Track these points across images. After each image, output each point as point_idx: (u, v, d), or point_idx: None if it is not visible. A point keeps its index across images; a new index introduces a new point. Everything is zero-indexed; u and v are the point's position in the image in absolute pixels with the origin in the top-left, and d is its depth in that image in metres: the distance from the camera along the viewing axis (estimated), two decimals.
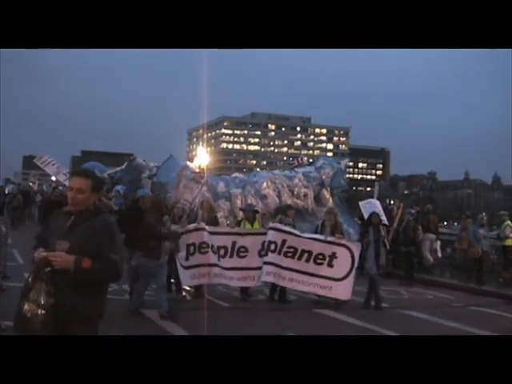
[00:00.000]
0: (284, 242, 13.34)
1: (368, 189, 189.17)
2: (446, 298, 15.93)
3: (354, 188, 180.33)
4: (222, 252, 13.40)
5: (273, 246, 13.31)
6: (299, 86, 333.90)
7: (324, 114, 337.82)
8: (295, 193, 22.06)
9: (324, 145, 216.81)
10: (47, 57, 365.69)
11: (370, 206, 17.11)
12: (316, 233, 14.06)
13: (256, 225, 14.24)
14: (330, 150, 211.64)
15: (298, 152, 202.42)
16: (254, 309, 12.77)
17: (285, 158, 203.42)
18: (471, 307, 14.58)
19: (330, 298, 13.29)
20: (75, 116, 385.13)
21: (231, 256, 13.38)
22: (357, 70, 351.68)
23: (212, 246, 13.37)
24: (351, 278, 13.04)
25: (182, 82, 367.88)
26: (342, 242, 13.45)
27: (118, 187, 34.04)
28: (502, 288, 17.49)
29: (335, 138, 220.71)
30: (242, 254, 13.35)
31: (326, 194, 22.60)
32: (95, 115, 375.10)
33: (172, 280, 13.53)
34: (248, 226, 14.03)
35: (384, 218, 16.36)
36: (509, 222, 19.21)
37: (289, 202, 20.53)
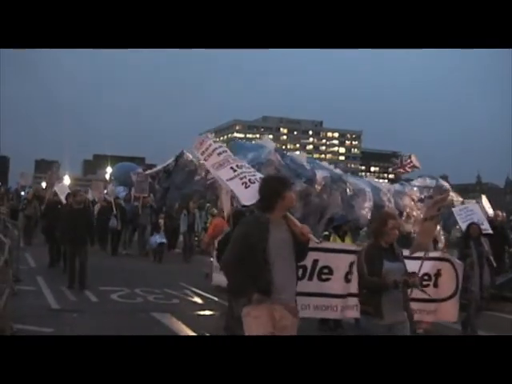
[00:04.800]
0: None
1: None
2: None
3: None
4: (299, 272, 9.32)
5: None
6: (311, 90, 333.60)
7: (336, 118, 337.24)
8: (404, 215, 18.24)
9: (336, 148, 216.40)
10: (58, 59, 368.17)
11: (467, 213, 14.52)
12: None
13: (347, 240, 11.49)
14: (342, 154, 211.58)
15: (310, 156, 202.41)
16: None
17: None
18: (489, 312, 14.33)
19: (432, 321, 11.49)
20: (87, 120, 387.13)
21: (310, 278, 9.99)
22: (369, 74, 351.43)
23: None
24: (457, 297, 10.98)
25: (193, 85, 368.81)
26: (446, 256, 11.32)
27: (119, 189, 29.01)
28: None
29: (347, 142, 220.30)
30: (324, 277, 10.06)
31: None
32: (107, 119, 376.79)
33: None
34: (338, 242, 11.33)
35: (486, 227, 13.89)
36: None
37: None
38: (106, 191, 25.98)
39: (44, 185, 28.30)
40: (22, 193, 28.90)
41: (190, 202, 22.78)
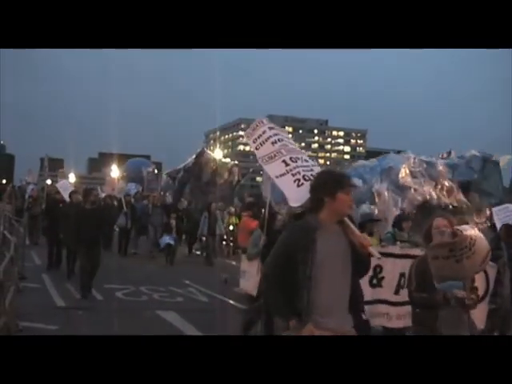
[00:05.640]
0: None
1: None
2: None
3: None
4: None
5: (404, 280, 9.27)
6: (316, 89, 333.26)
7: (341, 117, 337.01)
8: (439, 185, 16.92)
9: (341, 147, 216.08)
10: (62, 58, 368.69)
11: (506, 213, 13.35)
12: None
13: (373, 241, 9.79)
14: (347, 153, 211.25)
15: (315, 154, 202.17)
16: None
17: None
18: None
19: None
20: (92, 118, 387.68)
21: None
22: (374, 73, 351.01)
23: None
24: (486, 302, 9.70)
25: (198, 83, 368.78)
26: None
27: (131, 185, 28.54)
28: None
29: (352, 141, 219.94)
30: None
31: (476, 197, 17.31)
32: (111, 117, 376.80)
33: None
34: None
35: None
36: None
37: (434, 195, 15.49)
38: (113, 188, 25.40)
39: (49, 182, 27.68)
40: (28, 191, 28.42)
41: (211, 204, 21.97)
